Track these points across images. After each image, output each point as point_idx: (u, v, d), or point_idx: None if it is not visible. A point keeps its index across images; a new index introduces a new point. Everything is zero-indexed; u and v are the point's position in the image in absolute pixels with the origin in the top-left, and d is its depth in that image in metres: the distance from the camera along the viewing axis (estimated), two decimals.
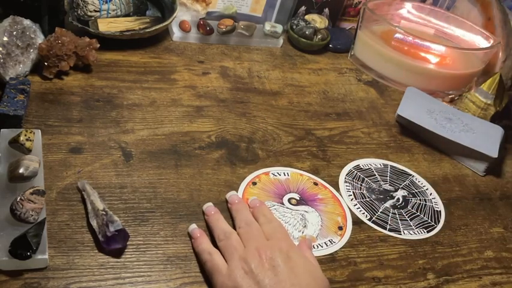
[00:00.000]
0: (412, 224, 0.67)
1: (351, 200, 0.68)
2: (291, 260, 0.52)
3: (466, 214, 0.71)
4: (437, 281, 0.61)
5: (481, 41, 1.01)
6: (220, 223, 0.58)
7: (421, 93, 0.89)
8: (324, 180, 0.70)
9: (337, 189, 0.69)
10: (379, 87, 0.95)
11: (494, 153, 0.77)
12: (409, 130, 0.84)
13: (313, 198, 0.67)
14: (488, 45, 0.98)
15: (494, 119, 0.87)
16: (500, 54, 0.97)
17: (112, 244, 0.53)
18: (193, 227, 0.58)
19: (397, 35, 0.96)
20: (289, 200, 0.66)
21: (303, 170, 0.71)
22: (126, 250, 0.54)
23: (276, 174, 0.69)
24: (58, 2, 0.78)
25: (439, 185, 0.75)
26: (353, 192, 0.69)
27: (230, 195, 0.63)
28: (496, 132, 0.82)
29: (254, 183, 0.67)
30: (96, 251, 0.53)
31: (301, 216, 0.64)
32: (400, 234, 0.65)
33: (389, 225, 0.66)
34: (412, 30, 1.01)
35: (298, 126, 0.80)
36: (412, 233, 0.66)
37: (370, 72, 0.98)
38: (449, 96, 0.95)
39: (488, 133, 0.81)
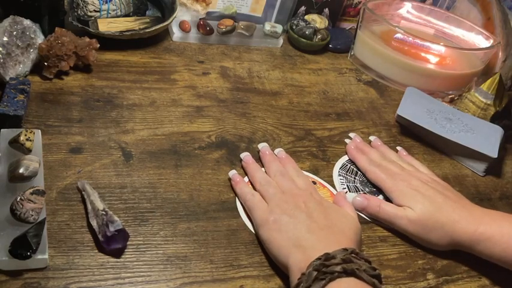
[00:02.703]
0: None
1: (346, 193, 0.68)
2: (324, 206, 0.59)
3: None
4: (437, 281, 0.61)
5: (481, 41, 1.01)
6: (260, 171, 0.66)
7: (421, 93, 0.89)
8: (324, 181, 0.70)
9: (333, 185, 0.69)
10: (379, 87, 0.95)
11: (494, 153, 0.77)
12: (409, 130, 0.84)
13: None
14: (488, 45, 0.98)
15: (494, 119, 0.87)
16: (500, 54, 0.97)
17: (112, 244, 0.53)
18: (233, 172, 0.66)
19: (397, 35, 0.96)
20: None
21: (303, 170, 0.71)
22: (126, 250, 0.54)
23: None
24: (58, 2, 0.78)
25: None
26: (347, 185, 0.70)
27: (262, 146, 0.71)
28: (496, 132, 0.82)
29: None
30: (96, 251, 0.53)
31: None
32: None
33: None
34: (412, 30, 1.01)
35: (298, 127, 0.80)
36: None
37: (370, 72, 0.98)
38: (449, 96, 0.95)
39: (488, 133, 0.81)
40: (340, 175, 0.72)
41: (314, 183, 0.69)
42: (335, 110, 0.86)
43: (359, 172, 0.73)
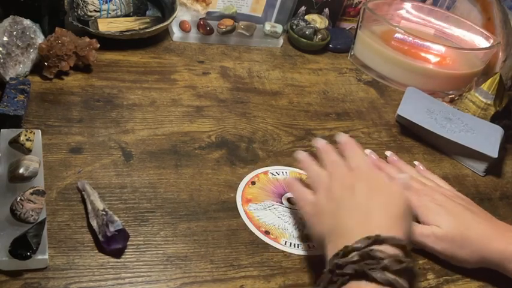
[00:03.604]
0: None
1: None
2: (371, 183, 0.56)
3: None
4: (437, 281, 0.61)
5: (481, 41, 1.01)
6: (312, 167, 0.62)
7: (421, 93, 0.89)
8: None
9: None
10: (379, 87, 0.95)
11: (494, 153, 0.77)
12: (409, 130, 0.84)
13: None
14: (488, 45, 0.98)
15: (494, 119, 0.87)
16: (500, 54, 0.97)
17: (112, 244, 0.53)
18: (301, 153, 0.63)
19: (397, 35, 0.96)
20: (288, 200, 0.66)
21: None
22: (126, 250, 0.54)
23: (274, 173, 0.69)
24: (58, 2, 0.78)
25: None
26: None
27: (318, 142, 0.64)
28: (496, 132, 0.82)
29: (253, 183, 0.67)
30: (96, 251, 0.53)
31: (300, 215, 0.64)
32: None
33: None
34: (412, 30, 1.01)
35: (298, 126, 0.80)
36: None
37: (370, 72, 0.98)
38: (449, 96, 0.95)
39: (488, 133, 0.81)
40: None
41: None
42: (335, 110, 0.86)
43: None
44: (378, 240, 0.47)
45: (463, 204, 0.64)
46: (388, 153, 0.77)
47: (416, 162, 0.76)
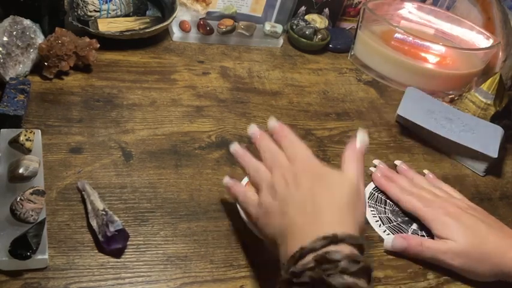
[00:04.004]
0: None
1: (379, 226, 0.66)
2: (315, 175, 0.53)
3: None
4: (438, 281, 0.61)
5: (481, 41, 1.01)
6: (248, 161, 0.59)
7: (421, 93, 0.89)
8: None
9: None
10: (379, 87, 0.95)
11: (494, 153, 0.77)
12: (409, 130, 0.84)
13: None
14: (488, 45, 0.98)
15: (494, 119, 0.87)
16: (500, 54, 0.97)
17: (112, 244, 0.53)
18: (227, 179, 0.61)
19: (397, 35, 0.96)
20: None
21: None
22: (126, 250, 0.54)
23: None
24: (58, 2, 0.78)
25: None
26: (379, 217, 0.67)
27: (252, 131, 0.61)
28: (496, 132, 0.82)
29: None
30: (96, 251, 0.53)
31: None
32: None
33: None
34: (412, 30, 1.01)
35: (298, 126, 0.80)
36: None
37: (370, 72, 0.98)
38: (449, 96, 0.95)
39: (488, 133, 0.81)
40: (370, 206, 0.68)
41: None
42: (335, 110, 0.86)
43: (388, 201, 0.70)
44: (334, 240, 0.45)
45: (476, 216, 0.63)
46: (397, 162, 0.76)
47: (426, 171, 0.75)
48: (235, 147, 0.61)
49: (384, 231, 0.65)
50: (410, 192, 0.68)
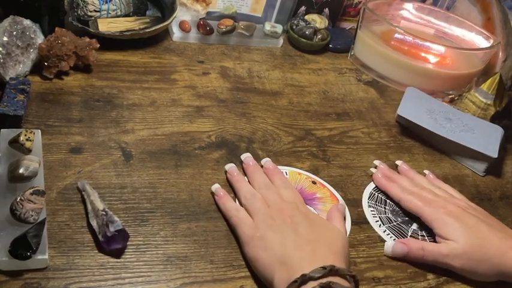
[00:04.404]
0: None
1: (379, 226, 0.66)
2: (310, 220, 0.57)
3: None
4: (437, 281, 0.61)
5: (481, 41, 1.01)
6: (244, 184, 0.64)
7: (421, 93, 0.89)
8: (324, 181, 0.70)
9: (333, 185, 0.69)
10: (379, 87, 0.95)
11: (494, 153, 0.77)
12: (409, 130, 0.84)
13: (311, 197, 0.67)
14: (488, 45, 0.98)
15: (494, 119, 0.87)
16: (500, 54, 0.97)
17: (112, 244, 0.53)
18: (216, 186, 0.63)
19: (397, 35, 0.96)
20: None
21: (303, 170, 0.71)
22: (126, 250, 0.54)
23: None
24: (58, 2, 0.78)
25: None
26: (379, 217, 0.67)
27: (245, 157, 0.68)
28: (496, 132, 0.82)
29: None
30: (96, 251, 0.53)
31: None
32: None
33: None
34: (412, 30, 1.01)
35: (298, 126, 0.80)
36: None
37: (370, 72, 0.98)
38: (449, 96, 0.95)
39: (488, 133, 0.81)
40: (370, 206, 0.68)
41: (314, 183, 0.69)
42: (335, 110, 0.86)
43: (388, 201, 0.70)
44: (332, 270, 0.49)
45: (477, 216, 0.63)
46: (398, 162, 0.76)
47: (426, 171, 0.75)
48: (231, 168, 0.66)
49: (384, 231, 0.65)
50: (411, 191, 0.68)
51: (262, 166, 0.68)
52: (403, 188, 0.69)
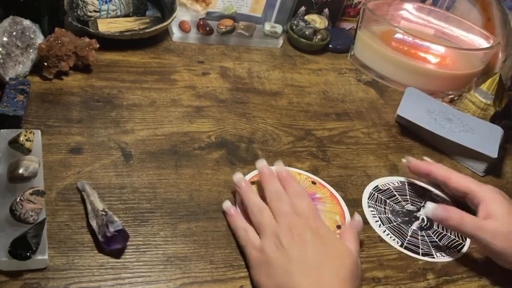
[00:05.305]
0: (442, 245, 0.65)
1: (379, 226, 0.66)
2: (320, 237, 0.55)
3: None
4: (437, 281, 0.61)
5: (480, 41, 1.01)
6: (252, 196, 0.61)
7: (420, 94, 0.89)
8: (324, 181, 0.70)
9: (332, 185, 0.69)
10: (379, 88, 0.95)
11: (493, 153, 0.77)
12: (409, 130, 0.84)
13: (311, 197, 0.66)
14: (488, 45, 0.98)
15: (493, 119, 0.87)
16: (500, 54, 0.97)
17: (112, 244, 0.53)
18: (227, 204, 0.61)
19: (397, 35, 0.96)
20: None
21: (303, 170, 0.71)
22: (126, 250, 0.54)
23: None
24: (58, 2, 0.78)
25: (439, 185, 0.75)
26: (379, 217, 0.67)
27: (260, 165, 0.64)
28: (496, 132, 0.82)
29: (253, 183, 0.66)
30: (96, 251, 0.53)
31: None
32: (434, 258, 0.63)
33: (422, 249, 0.64)
34: (411, 30, 1.01)
35: (298, 127, 0.80)
36: (445, 255, 0.64)
37: (370, 72, 0.98)
38: (449, 97, 0.95)
39: (487, 133, 0.81)
40: (370, 206, 0.68)
41: (314, 183, 0.69)
42: (335, 110, 0.86)
43: (387, 201, 0.70)
44: None
45: None
46: (426, 158, 0.74)
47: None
48: (240, 180, 0.62)
49: (384, 232, 0.65)
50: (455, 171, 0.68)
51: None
52: (449, 168, 0.68)
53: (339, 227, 0.63)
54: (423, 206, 0.70)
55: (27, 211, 0.51)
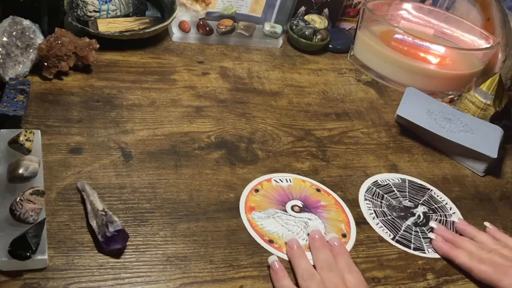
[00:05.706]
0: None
1: (373, 218, 0.66)
2: None
3: (466, 214, 0.71)
4: (437, 281, 0.61)
5: (480, 42, 1.01)
6: (303, 260, 0.58)
7: (420, 94, 0.89)
8: (324, 181, 0.70)
9: (334, 190, 0.69)
10: (379, 88, 0.95)
11: (493, 153, 0.77)
12: (409, 130, 0.84)
13: (316, 205, 0.66)
14: (487, 45, 0.98)
15: (493, 120, 0.87)
16: (499, 54, 0.97)
17: (111, 244, 0.53)
18: (273, 259, 0.57)
19: (397, 36, 0.96)
20: (292, 208, 0.65)
21: (303, 171, 0.71)
22: (125, 250, 0.54)
23: (278, 180, 0.69)
24: (58, 2, 0.78)
25: (439, 185, 0.75)
26: (374, 210, 0.67)
27: (312, 229, 0.62)
28: (496, 132, 0.82)
29: (257, 190, 0.66)
30: (96, 251, 0.53)
31: (304, 224, 0.63)
32: (425, 253, 0.64)
33: (413, 243, 0.64)
34: (411, 30, 1.01)
35: (298, 127, 0.80)
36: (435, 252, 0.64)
37: (369, 72, 0.98)
38: (449, 97, 0.95)
39: (487, 133, 0.81)
40: (366, 199, 0.69)
41: (318, 190, 0.69)
42: (335, 110, 0.86)
43: (385, 195, 0.70)
44: None
45: None
46: (456, 219, 0.70)
47: (486, 223, 0.69)
48: (291, 240, 0.60)
49: (377, 224, 0.65)
50: (480, 258, 0.62)
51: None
52: (471, 254, 0.63)
53: (344, 235, 0.63)
54: (421, 203, 0.71)
55: (27, 211, 0.51)
